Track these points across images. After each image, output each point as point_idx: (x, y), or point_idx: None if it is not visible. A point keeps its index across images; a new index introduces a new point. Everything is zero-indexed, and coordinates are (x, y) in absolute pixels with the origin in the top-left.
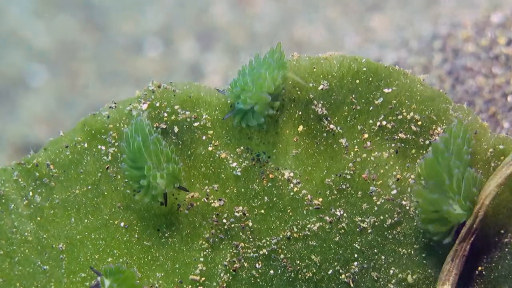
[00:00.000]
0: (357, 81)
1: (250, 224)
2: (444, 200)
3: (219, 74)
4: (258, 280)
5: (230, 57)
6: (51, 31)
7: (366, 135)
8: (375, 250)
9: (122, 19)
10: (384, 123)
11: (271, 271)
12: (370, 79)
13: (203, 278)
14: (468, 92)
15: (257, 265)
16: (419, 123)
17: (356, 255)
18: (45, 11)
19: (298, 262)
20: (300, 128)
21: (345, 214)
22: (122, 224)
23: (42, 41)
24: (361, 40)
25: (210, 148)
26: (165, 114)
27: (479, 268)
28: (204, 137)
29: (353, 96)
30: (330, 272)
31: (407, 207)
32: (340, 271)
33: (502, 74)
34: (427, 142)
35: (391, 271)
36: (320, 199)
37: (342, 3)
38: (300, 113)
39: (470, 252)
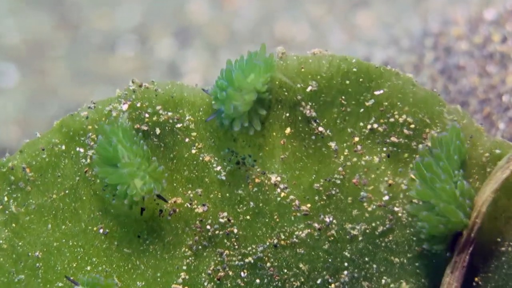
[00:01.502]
0: (347, 81)
1: (235, 230)
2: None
3: (198, 73)
4: None
5: (210, 55)
6: (21, 28)
7: (356, 139)
8: (366, 259)
9: (96, 16)
10: (375, 126)
11: (257, 280)
12: (361, 79)
13: (186, 287)
14: (461, 92)
15: (242, 273)
16: (412, 126)
17: (346, 264)
18: (16, 8)
19: (285, 270)
20: (288, 130)
21: (334, 221)
22: (101, 230)
23: (12, 39)
24: (347, 38)
25: (193, 151)
26: (147, 115)
27: (476, 278)
28: (187, 139)
29: (343, 97)
30: (319, 281)
31: (400, 214)
32: (330, 280)
33: (496, 73)
34: (420, 146)
35: (383, 281)
36: (309, 205)
37: None
38: (287, 114)
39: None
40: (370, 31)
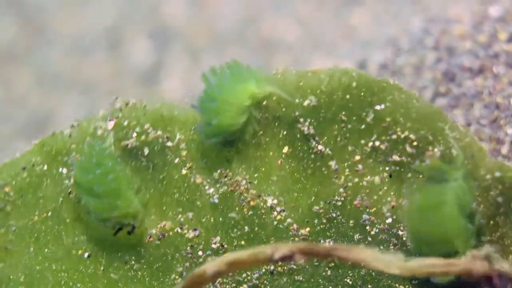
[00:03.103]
0: (348, 96)
1: None
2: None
3: (178, 78)
4: None
5: (190, 59)
6: None
7: (358, 157)
8: (369, 286)
9: (64, 17)
10: (377, 143)
11: None
12: (362, 94)
13: None
14: (466, 95)
15: None
16: (415, 143)
17: None
18: None
19: None
20: (285, 149)
21: None
22: (86, 254)
23: None
24: (341, 39)
25: (184, 172)
26: (134, 134)
27: None
28: (177, 160)
29: (344, 113)
30: None
31: (404, 238)
32: None
33: (504, 74)
34: (423, 164)
35: None
36: (307, 229)
37: None
38: (285, 132)
39: None
40: (365, 30)
